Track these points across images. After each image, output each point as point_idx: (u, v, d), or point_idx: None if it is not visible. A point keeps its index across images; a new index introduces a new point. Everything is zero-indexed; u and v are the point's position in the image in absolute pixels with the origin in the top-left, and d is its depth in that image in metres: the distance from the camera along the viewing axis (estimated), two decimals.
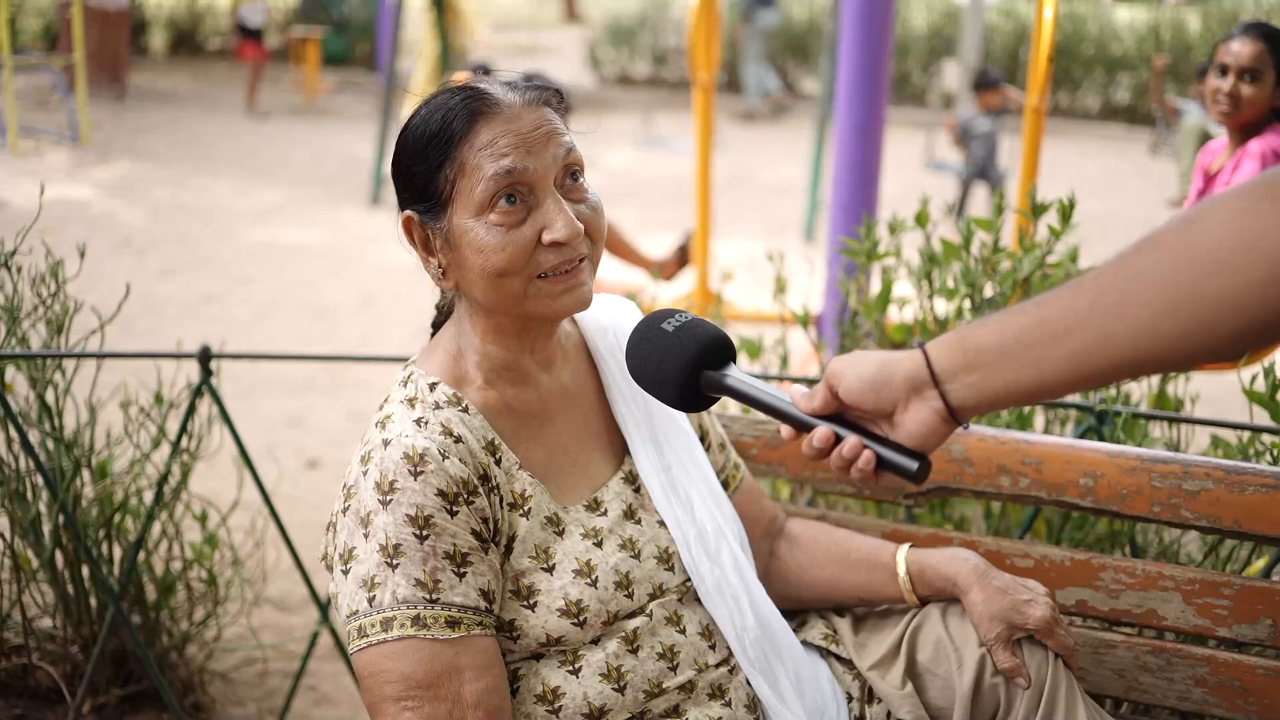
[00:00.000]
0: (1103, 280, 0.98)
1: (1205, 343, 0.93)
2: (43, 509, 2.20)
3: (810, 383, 2.04)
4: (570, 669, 1.30)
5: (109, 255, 6.72)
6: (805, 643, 1.52)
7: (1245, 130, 3.22)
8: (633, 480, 1.44)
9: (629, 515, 1.41)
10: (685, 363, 1.23)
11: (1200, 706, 1.53)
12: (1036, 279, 2.10)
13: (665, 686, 1.33)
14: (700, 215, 5.39)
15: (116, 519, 2.26)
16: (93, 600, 2.28)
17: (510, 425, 1.35)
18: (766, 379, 1.43)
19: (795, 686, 1.41)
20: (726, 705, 1.37)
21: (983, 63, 12.12)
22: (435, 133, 1.29)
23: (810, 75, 14.71)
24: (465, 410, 1.32)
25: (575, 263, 1.30)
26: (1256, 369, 1.92)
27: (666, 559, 1.40)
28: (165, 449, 2.28)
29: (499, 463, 1.31)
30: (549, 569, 1.31)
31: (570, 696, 1.29)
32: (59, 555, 2.23)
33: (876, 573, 1.52)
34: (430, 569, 1.21)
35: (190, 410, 2.20)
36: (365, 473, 1.25)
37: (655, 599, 1.37)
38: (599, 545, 1.35)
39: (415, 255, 1.36)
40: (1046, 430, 2.24)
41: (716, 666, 1.39)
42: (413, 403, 1.31)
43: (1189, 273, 0.92)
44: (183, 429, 2.21)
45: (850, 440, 1.14)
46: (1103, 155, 11.85)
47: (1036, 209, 2.18)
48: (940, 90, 13.77)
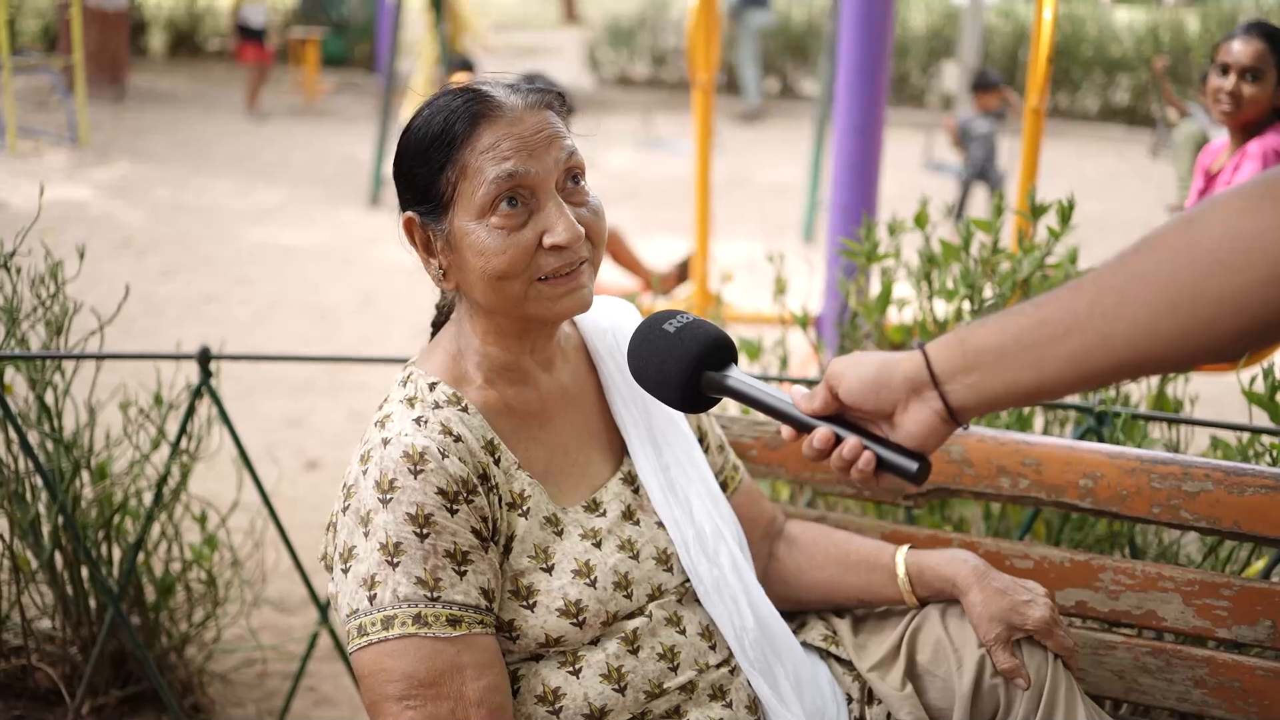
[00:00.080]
0: (1102, 281, 0.98)
1: (1205, 343, 0.93)
2: (42, 510, 2.20)
3: (810, 384, 2.05)
4: (570, 670, 1.30)
5: (108, 256, 6.72)
6: (805, 644, 1.52)
7: (1246, 129, 3.23)
8: (631, 481, 1.44)
9: (628, 516, 1.41)
10: (687, 363, 1.23)
11: (1200, 708, 1.53)
12: (1036, 280, 2.10)
13: (666, 687, 1.33)
14: (699, 216, 5.39)
15: (116, 520, 2.26)
16: (92, 601, 2.28)
17: (510, 425, 1.36)
18: (767, 380, 1.43)
19: (795, 687, 1.41)
20: (727, 706, 1.37)
21: (982, 64, 12.12)
22: (437, 135, 1.30)
23: (809, 76, 14.71)
24: (465, 410, 1.32)
25: (576, 265, 1.30)
26: (1256, 370, 1.92)
27: (665, 560, 1.40)
28: (165, 450, 2.28)
29: (498, 462, 1.32)
30: (548, 569, 1.31)
31: (571, 697, 1.29)
32: (58, 556, 2.23)
33: (876, 574, 1.52)
34: (431, 567, 1.21)
35: (190, 411, 2.19)
36: (365, 472, 1.25)
37: (654, 600, 1.38)
38: (598, 546, 1.35)
39: (416, 256, 1.36)
40: (1046, 431, 2.24)
41: (717, 667, 1.39)
42: (412, 402, 1.31)
43: (1188, 273, 0.92)
44: (182, 430, 2.21)
45: (850, 441, 1.14)
46: (1101, 157, 11.85)
47: (1036, 210, 2.18)
48: (939, 91, 13.77)
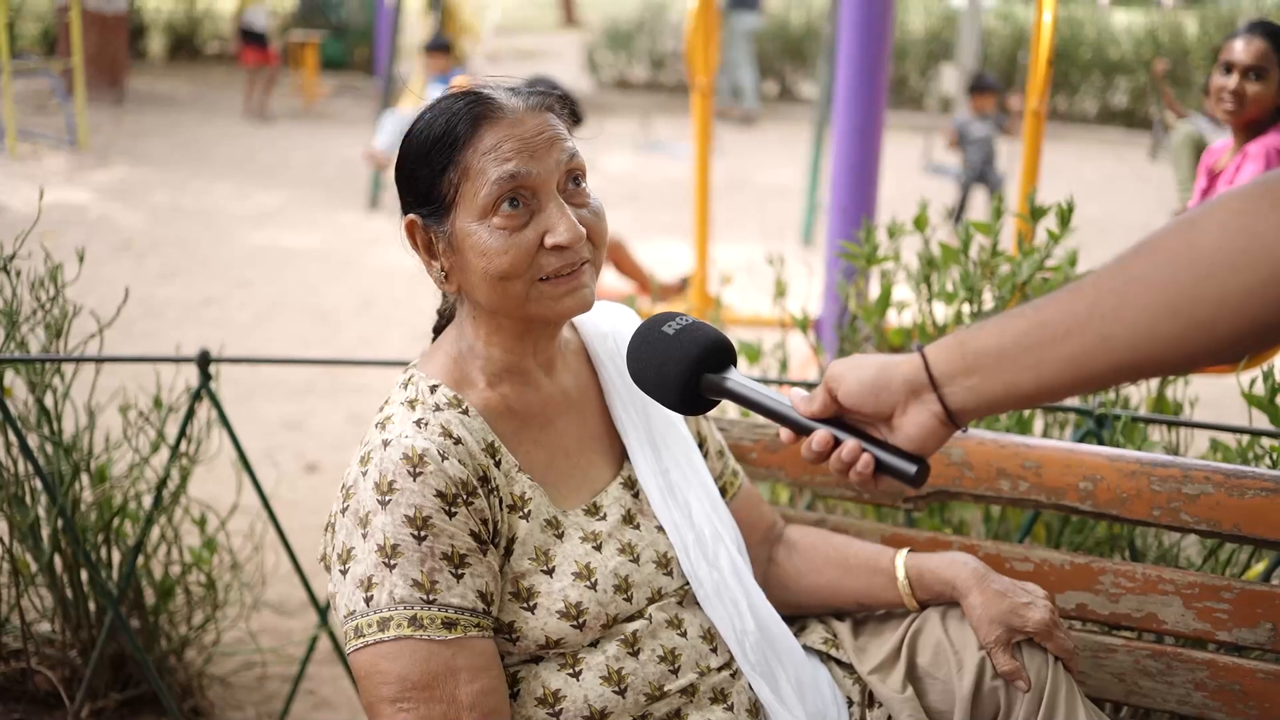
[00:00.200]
0: (1101, 283, 0.98)
1: (1205, 345, 0.93)
2: (41, 513, 2.20)
3: (810, 386, 2.04)
4: (571, 672, 1.30)
5: (108, 259, 6.72)
6: (805, 647, 1.52)
7: (1249, 128, 3.23)
8: (631, 485, 1.44)
9: (628, 520, 1.41)
10: (686, 366, 1.23)
11: (1200, 710, 1.53)
12: (1035, 283, 2.10)
13: (667, 690, 1.33)
14: (699, 219, 5.40)
15: (115, 523, 2.26)
16: (91, 604, 2.28)
17: (511, 428, 1.36)
18: (766, 383, 1.44)
19: (796, 690, 1.41)
20: (729, 709, 1.37)
21: (980, 66, 12.12)
22: (439, 137, 1.30)
23: (808, 78, 14.71)
24: (465, 412, 1.32)
25: (577, 266, 1.31)
26: (1255, 373, 1.92)
27: (665, 564, 1.40)
28: (164, 453, 2.28)
29: (499, 465, 1.32)
30: (549, 571, 1.31)
31: (571, 699, 1.29)
32: (58, 559, 2.23)
33: (876, 577, 1.52)
34: (428, 569, 1.21)
35: (189, 414, 2.19)
36: (364, 473, 1.25)
37: (654, 603, 1.38)
38: (598, 549, 1.35)
39: (418, 259, 1.37)
40: (1046, 434, 2.24)
41: (718, 670, 1.39)
42: (413, 404, 1.31)
43: (1188, 274, 0.92)
44: (182, 433, 2.21)
45: (849, 443, 1.14)
46: (1101, 159, 11.85)
47: (1035, 213, 2.18)
48: (938, 94, 13.78)
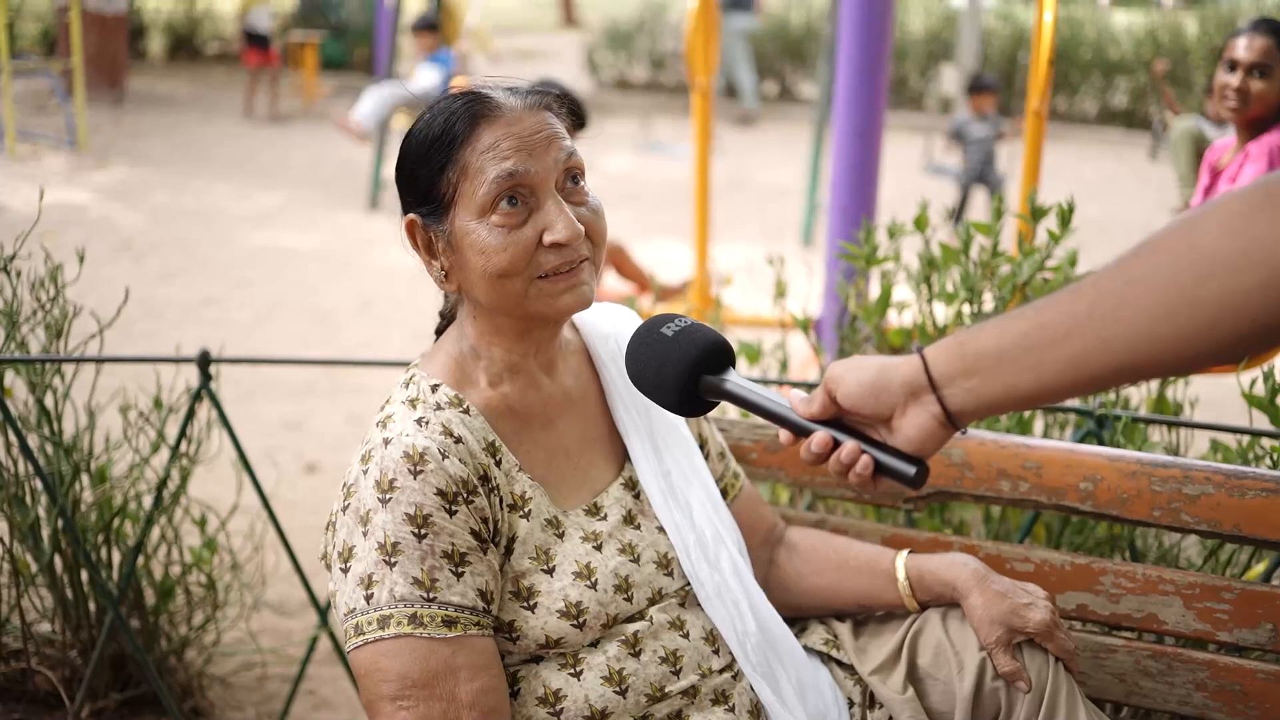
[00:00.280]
0: (1101, 284, 0.98)
1: (1205, 346, 0.93)
2: (42, 513, 2.20)
3: (810, 387, 2.04)
4: (572, 672, 1.30)
5: (108, 259, 6.72)
6: (806, 648, 1.52)
7: (1253, 126, 3.22)
8: (632, 486, 1.44)
9: (628, 520, 1.41)
10: (684, 367, 1.23)
11: (1201, 711, 1.53)
12: (1036, 283, 2.10)
13: (668, 691, 1.33)
14: (699, 219, 5.40)
15: (115, 523, 2.26)
16: (92, 605, 2.28)
17: (511, 427, 1.36)
18: (766, 383, 1.44)
19: (798, 691, 1.41)
20: (730, 711, 1.37)
21: (980, 67, 12.12)
22: (438, 136, 1.31)
23: (807, 79, 14.71)
24: (466, 412, 1.32)
25: (576, 264, 1.31)
26: (1256, 373, 1.92)
27: (666, 564, 1.40)
28: (164, 453, 2.28)
29: (499, 464, 1.32)
30: (549, 570, 1.31)
31: (572, 699, 1.29)
32: (58, 560, 2.23)
33: (876, 579, 1.51)
34: (428, 568, 1.21)
35: (189, 414, 2.19)
36: (365, 471, 1.25)
37: (654, 604, 1.38)
38: (599, 549, 1.35)
39: (418, 259, 1.37)
40: (1046, 434, 2.24)
41: (720, 672, 1.39)
42: (414, 403, 1.32)
43: (1188, 276, 0.92)
44: (182, 433, 2.21)
45: (848, 445, 1.14)
46: (1101, 160, 11.85)
47: (1036, 213, 2.18)
48: (938, 94, 13.77)
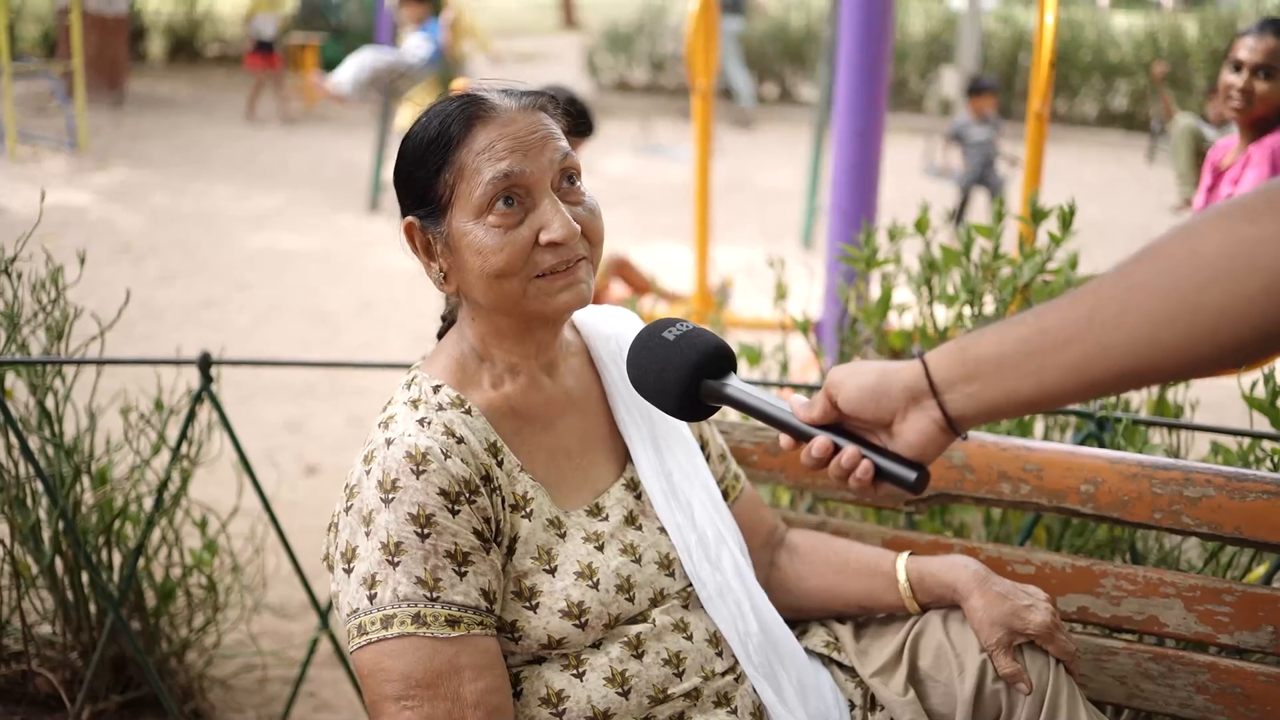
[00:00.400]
0: (1102, 290, 0.98)
1: (1207, 352, 0.93)
2: (42, 515, 2.20)
3: (810, 389, 2.05)
4: (574, 672, 1.31)
5: (108, 261, 6.72)
6: (807, 650, 1.52)
7: (1256, 126, 3.22)
8: (634, 487, 1.44)
9: (630, 521, 1.41)
10: (686, 372, 1.23)
11: (1202, 713, 1.53)
12: (1037, 286, 2.10)
13: (670, 693, 1.34)
14: (699, 221, 5.40)
15: (116, 525, 2.26)
16: (92, 606, 2.28)
17: (513, 428, 1.36)
18: (766, 385, 1.44)
19: (799, 693, 1.41)
20: (732, 713, 1.37)
21: (980, 69, 12.12)
22: (434, 138, 1.32)
23: (807, 81, 14.71)
24: (468, 412, 1.32)
25: (573, 262, 1.32)
26: (1256, 375, 1.92)
27: (667, 565, 1.40)
28: (165, 455, 2.28)
29: (501, 464, 1.32)
30: (551, 570, 1.31)
31: (574, 700, 1.29)
32: (59, 561, 2.23)
33: (876, 581, 1.52)
34: (431, 567, 1.21)
35: (190, 416, 2.20)
36: (368, 472, 1.25)
37: (656, 604, 1.38)
38: (600, 549, 1.36)
39: (418, 261, 1.38)
40: (1046, 437, 2.24)
41: (723, 674, 1.39)
42: (416, 404, 1.32)
43: (1189, 282, 0.92)
44: (183, 435, 2.21)
45: (849, 450, 1.14)
46: (1101, 162, 11.85)
47: (1037, 215, 2.18)
48: (938, 97, 13.78)
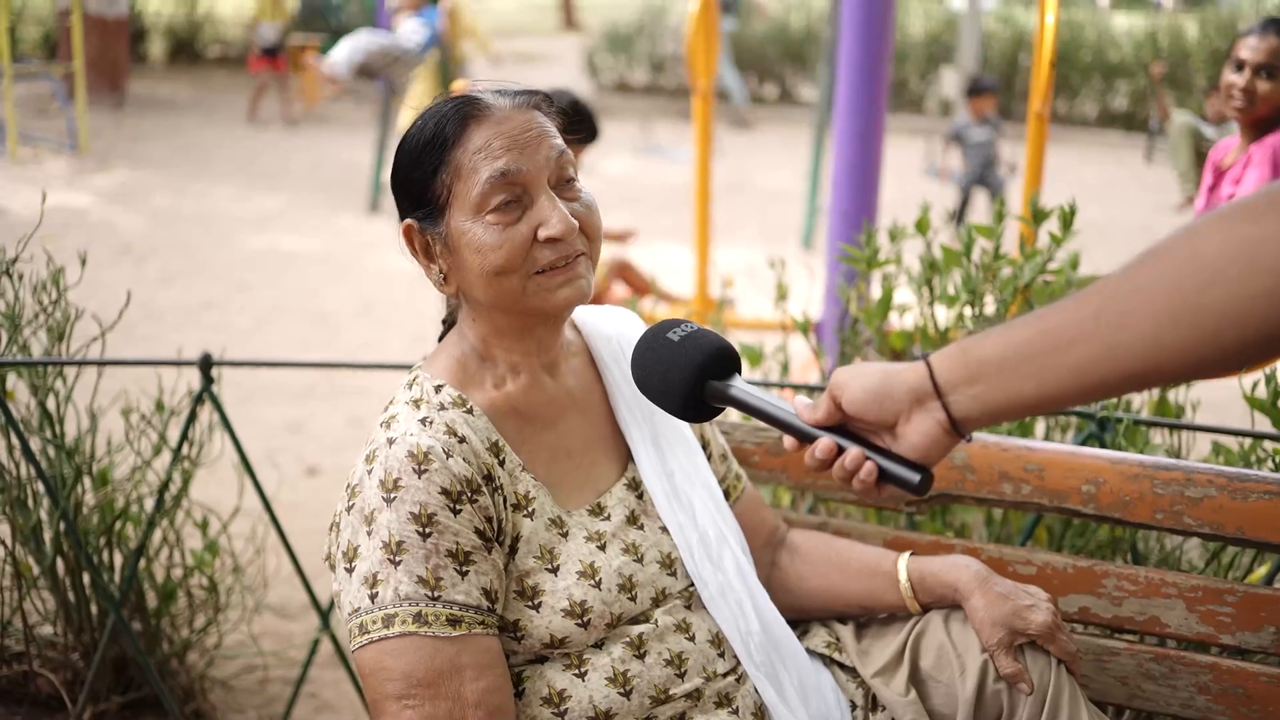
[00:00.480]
0: (1106, 292, 0.98)
1: (1210, 354, 0.93)
2: (44, 516, 2.20)
3: (812, 390, 2.05)
4: (576, 672, 1.31)
5: (109, 262, 6.72)
6: (808, 650, 1.52)
7: (1258, 126, 3.22)
8: (636, 486, 1.44)
9: (631, 520, 1.41)
10: (690, 373, 1.24)
11: (1203, 714, 1.53)
12: (1038, 286, 2.10)
13: (672, 694, 1.34)
14: (699, 222, 5.40)
15: (117, 526, 2.26)
16: (93, 607, 2.28)
17: (514, 427, 1.36)
18: (768, 386, 1.44)
19: (800, 693, 1.41)
20: (734, 714, 1.37)
21: (980, 70, 12.13)
22: (430, 139, 1.32)
23: (807, 82, 14.72)
24: (470, 412, 1.33)
25: (572, 258, 1.32)
26: (1258, 376, 1.92)
27: (669, 564, 1.41)
28: (166, 456, 2.28)
29: (503, 464, 1.32)
30: (553, 570, 1.32)
31: (576, 700, 1.29)
32: (60, 562, 2.23)
33: (878, 581, 1.52)
34: (432, 566, 1.21)
35: (191, 417, 2.20)
36: (370, 471, 1.25)
37: (658, 604, 1.38)
38: (602, 549, 1.36)
39: (417, 264, 1.38)
40: (1048, 437, 2.24)
41: (724, 675, 1.39)
42: (418, 404, 1.32)
43: (1192, 282, 0.92)
44: (183, 436, 2.22)
45: (852, 452, 1.14)
46: (1101, 162, 11.86)
47: (1038, 215, 2.18)
48: (938, 97, 13.78)
